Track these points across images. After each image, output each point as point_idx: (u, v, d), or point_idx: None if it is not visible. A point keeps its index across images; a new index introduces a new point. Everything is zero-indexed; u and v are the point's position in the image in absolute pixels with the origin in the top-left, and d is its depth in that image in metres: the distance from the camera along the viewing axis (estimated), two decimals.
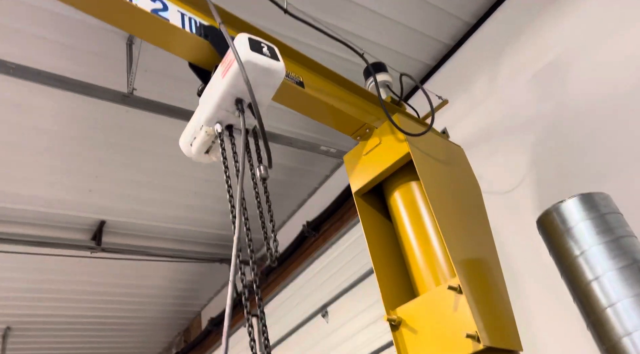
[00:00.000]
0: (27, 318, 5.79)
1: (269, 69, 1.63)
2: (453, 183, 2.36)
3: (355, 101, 2.49)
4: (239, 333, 5.57)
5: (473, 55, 3.53)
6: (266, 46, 1.68)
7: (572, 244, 2.07)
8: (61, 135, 3.64)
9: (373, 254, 2.24)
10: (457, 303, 1.86)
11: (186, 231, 5.06)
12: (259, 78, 1.63)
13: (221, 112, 1.68)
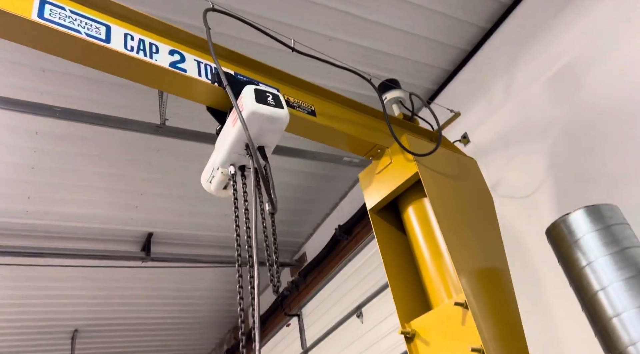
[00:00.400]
0: (92, 321, 6.33)
1: (273, 117, 1.81)
2: (462, 197, 2.46)
3: (368, 122, 2.62)
4: (281, 333, 5.87)
5: (489, 60, 3.57)
6: (271, 95, 1.86)
7: (580, 255, 2.13)
8: (107, 159, 3.99)
9: (388, 269, 2.38)
10: (464, 317, 1.98)
11: (226, 238, 5.36)
12: (264, 125, 1.82)
13: (233, 156, 1.88)
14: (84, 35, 1.80)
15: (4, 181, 3.93)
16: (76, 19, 1.83)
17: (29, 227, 4.51)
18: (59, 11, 1.80)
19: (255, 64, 2.29)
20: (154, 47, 1.99)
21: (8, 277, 5.05)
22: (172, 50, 2.05)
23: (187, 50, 2.11)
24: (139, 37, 1.97)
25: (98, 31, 1.86)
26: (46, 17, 1.75)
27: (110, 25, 1.91)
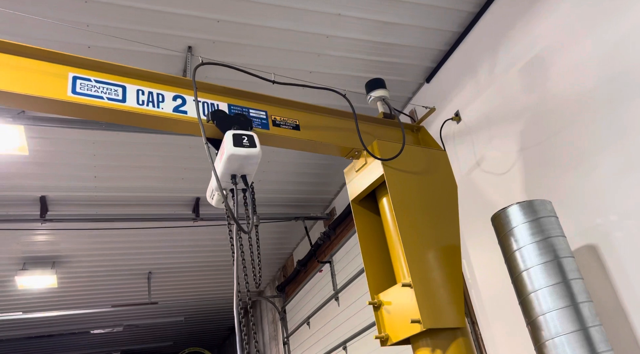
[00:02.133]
0: (161, 265, 7.54)
1: (247, 155, 2.38)
2: (424, 189, 2.93)
3: (347, 126, 3.10)
4: (315, 277, 6.73)
5: (477, 43, 3.78)
6: (246, 137, 2.41)
7: (513, 241, 2.60)
8: (154, 145, 4.74)
9: (363, 250, 2.97)
10: (410, 295, 2.56)
11: (268, 198, 6.12)
12: (242, 161, 2.39)
13: (224, 183, 2.48)
14: (106, 100, 2.41)
15: (73, 166, 4.81)
16: (99, 86, 2.43)
17: (100, 198, 5.47)
18: (87, 83, 2.40)
19: (245, 94, 2.81)
20: (160, 97, 2.57)
21: (93, 234, 6.18)
22: (175, 95, 2.62)
23: (187, 92, 2.66)
24: (148, 91, 2.55)
25: (116, 93, 2.46)
26: (78, 91, 2.36)
27: (126, 85, 2.50)
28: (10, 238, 5.83)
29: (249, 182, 2.50)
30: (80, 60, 2.42)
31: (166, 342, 11.90)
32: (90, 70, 2.44)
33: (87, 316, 8.74)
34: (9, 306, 7.39)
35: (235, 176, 2.45)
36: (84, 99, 2.36)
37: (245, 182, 2.47)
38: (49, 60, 2.35)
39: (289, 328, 7.91)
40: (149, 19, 3.42)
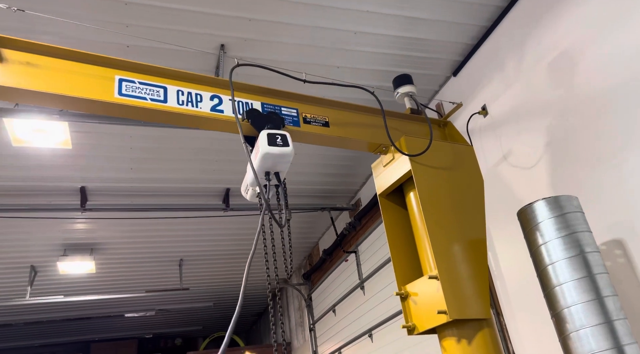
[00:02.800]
0: (193, 253, 7.82)
1: (281, 154, 2.50)
2: (451, 185, 3.00)
3: (375, 122, 3.18)
4: (341, 267, 6.87)
5: (505, 37, 3.79)
6: (280, 137, 2.53)
7: (539, 235, 2.66)
8: (187, 139, 4.93)
9: (391, 242, 3.07)
10: (436, 287, 2.66)
11: (295, 189, 6.27)
12: (276, 160, 2.51)
13: (259, 180, 2.60)
14: (149, 100, 2.56)
15: (111, 159, 5.04)
16: (143, 88, 2.58)
17: (135, 189, 5.72)
18: (131, 85, 2.56)
19: (277, 93, 2.93)
20: (198, 97, 2.71)
21: (129, 223, 6.46)
22: (212, 95, 2.75)
23: (223, 92, 2.79)
24: (187, 91, 2.69)
25: (158, 94, 2.61)
26: (123, 92, 2.52)
27: (167, 86, 2.64)
28: (53, 226, 6.16)
29: (282, 178, 2.63)
30: (125, 63, 2.57)
31: (196, 326, 12.31)
32: (135, 73, 2.59)
33: (122, 300, 9.13)
34: (51, 290, 7.80)
35: (269, 173, 2.58)
36: (129, 100, 2.51)
37: (279, 178, 2.60)
38: (97, 64, 2.51)
39: (315, 314, 8.10)
40: (184, 19, 3.56)
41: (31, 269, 7.15)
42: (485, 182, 3.78)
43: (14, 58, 2.33)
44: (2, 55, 2.29)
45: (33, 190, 5.31)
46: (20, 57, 2.34)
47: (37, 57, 2.38)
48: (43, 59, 2.39)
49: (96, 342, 11.97)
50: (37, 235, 6.28)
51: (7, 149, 4.53)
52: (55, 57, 2.44)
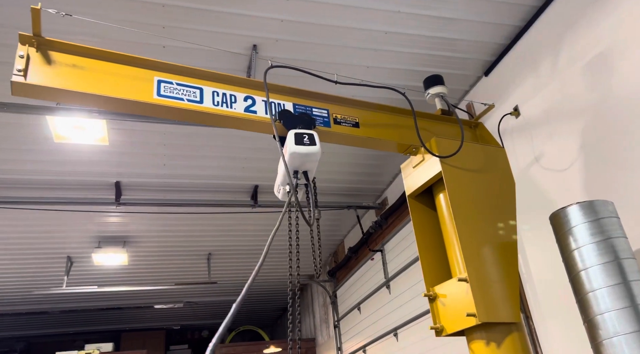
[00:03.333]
0: (221, 247, 7.97)
1: (308, 153, 2.55)
2: (482, 187, 2.99)
3: (405, 123, 3.19)
4: (366, 265, 6.88)
5: (539, 37, 3.73)
6: (307, 136, 2.56)
7: (572, 240, 2.63)
8: (217, 137, 5.03)
9: (419, 244, 3.08)
10: (466, 289, 2.66)
11: (322, 187, 6.32)
12: (304, 159, 2.57)
13: (287, 178, 2.63)
14: (186, 101, 2.64)
15: (145, 155, 5.20)
16: (180, 89, 2.66)
17: (167, 185, 5.87)
18: (169, 86, 2.64)
19: (309, 93, 2.97)
20: (233, 98, 2.77)
21: (160, 217, 6.63)
22: (246, 96, 2.82)
23: (257, 93, 2.85)
24: (222, 92, 2.76)
25: (194, 95, 2.68)
26: (162, 93, 2.60)
27: (203, 87, 2.72)
28: (88, 219, 6.38)
29: (310, 178, 2.67)
30: (164, 65, 2.65)
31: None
32: (172, 74, 2.67)
33: (152, 292, 9.39)
34: (86, 280, 8.09)
35: (297, 172, 2.62)
36: (167, 101, 2.59)
37: (307, 177, 2.63)
38: (137, 66, 2.60)
39: (340, 312, 8.15)
40: (218, 20, 3.63)
41: (67, 260, 7.43)
42: (517, 184, 3.74)
43: (61, 60, 2.43)
44: (50, 58, 2.41)
45: (71, 184, 5.52)
46: (66, 59, 2.45)
47: (81, 59, 2.48)
48: (86, 61, 2.49)
49: (126, 331, 12.34)
50: (73, 227, 6.52)
51: (49, 144, 4.72)
52: (98, 59, 2.53)
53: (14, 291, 8.34)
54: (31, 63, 2.34)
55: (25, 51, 2.34)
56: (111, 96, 2.48)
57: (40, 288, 8.06)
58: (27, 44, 2.37)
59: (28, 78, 2.30)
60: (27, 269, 7.53)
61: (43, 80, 2.34)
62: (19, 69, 2.29)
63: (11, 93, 2.34)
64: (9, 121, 4.38)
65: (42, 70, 2.36)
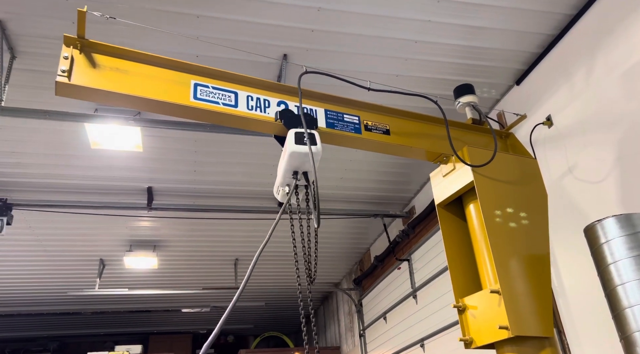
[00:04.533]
0: (248, 253, 8.05)
1: (307, 153, 2.49)
2: (514, 198, 2.94)
3: (436, 132, 3.18)
4: (393, 274, 6.83)
5: (573, 47, 3.66)
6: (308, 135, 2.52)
7: (608, 254, 2.56)
8: (244, 144, 5.11)
9: (448, 254, 3.05)
10: (498, 301, 2.61)
11: (348, 195, 6.33)
12: (303, 158, 2.53)
13: (287, 179, 2.60)
14: (221, 105, 2.67)
15: (176, 161, 5.32)
16: (216, 93, 2.70)
17: (197, 190, 5.99)
18: (205, 89, 2.68)
19: (340, 100, 2.99)
20: (266, 103, 2.80)
21: (190, 222, 6.76)
22: (279, 101, 2.85)
23: (289, 98, 2.87)
24: (256, 97, 2.79)
25: (229, 99, 2.71)
26: (198, 96, 2.64)
27: (237, 92, 2.75)
28: (121, 223, 6.55)
29: (311, 179, 2.60)
30: (200, 69, 2.69)
31: (248, 325, 12.62)
32: (208, 78, 2.71)
33: (180, 295, 9.54)
34: (117, 283, 8.29)
35: (297, 173, 2.56)
36: (203, 104, 2.62)
37: (307, 178, 2.58)
38: (175, 69, 2.63)
39: (365, 321, 8.10)
40: (250, 30, 3.71)
41: (100, 262, 7.64)
42: (549, 195, 3.66)
43: (102, 62, 2.48)
44: (92, 59, 2.47)
45: (105, 189, 5.70)
46: (107, 61, 2.50)
47: (121, 61, 2.53)
48: (127, 64, 2.54)
49: (154, 334, 12.56)
50: (107, 231, 6.71)
51: (86, 151, 4.89)
52: (137, 61, 2.57)
53: (50, 291, 8.62)
54: (75, 64, 2.40)
55: (69, 53, 2.40)
56: (150, 98, 2.52)
57: (74, 289, 8.30)
58: (71, 46, 2.43)
59: (72, 79, 2.36)
60: (63, 270, 7.78)
61: (86, 81, 2.39)
62: (63, 69, 2.34)
63: (55, 93, 2.40)
64: (50, 128, 4.56)
65: (85, 71, 2.42)
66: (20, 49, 3.70)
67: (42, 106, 4.13)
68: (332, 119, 2.94)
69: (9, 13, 3.40)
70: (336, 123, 2.94)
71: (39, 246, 6.92)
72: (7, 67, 3.69)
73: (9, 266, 7.50)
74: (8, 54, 3.68)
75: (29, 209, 5.56)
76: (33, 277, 7.96)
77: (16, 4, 3.33)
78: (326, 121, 2.92)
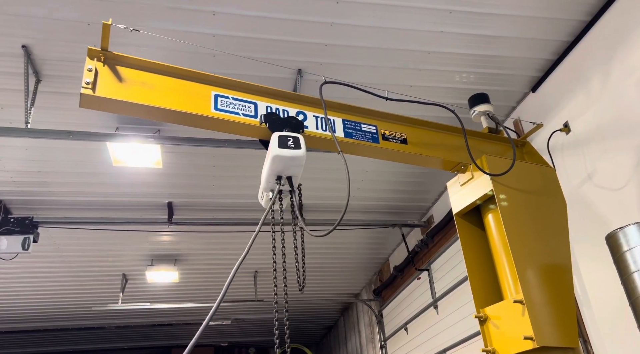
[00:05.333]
0: (267, 265, 8.10)
1: (292, 157, 2.46)
2: (534, 206, 2.93)
3: (453, 141, 3.19)
4: (412, 285, 6.78)
5: (589, 52, 3.64)
6: (292, 139, 2.49)
7: (631, 262, 2.52)
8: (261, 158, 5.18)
9: (468, 263, 3.04)
10: (522, 311, 2.59)
11: (365, 205, 6.34)
12: (287, 163, 2.48)
13: (270, 184, 2.56)
14: (241, 115, 2.71)
15: (196, 176, 5.41)
16: (236, 103, 2.72)
17: (216, 204, 6.07)
18: (226, 100, 2.71)
19: (357, 109, 3.01)
20: (286, 113, 2.83)
21: (209, 236, 6.84)
22: (298, 111, 2.88)
23: (308, 108, 2.91)
24: (275, 107, 2.83)
25: (249, 109, 2.74)
26: (219, 107, 2.68)
27: (257, 102, 2.78)
28: (142, 238, 6.67)
29: (296, 184, 2.56)
30: (220, 80, 2.72)
31: (269, 337, 12.61)
32: (228, 89, 2.74)
33: (201, 308, 9.60)
34: (140, 297, 8.41)
35: (280, 177, 2.52)
36: (224, 115, 2.63)
37: (291, 183, 2.53)
38: (196, 81, 2.67)
39: (386, 332, 8.04)
40: (265, 47, 3.79)
41: (123, 277, 7.77)
42: (569, 202, 3.62)
43: (126, 74, 2.52)
44: (116, 72, 2.50)
45: (127, 205, 5.81)
46: (130, 73, 2.54)
47: (144, 74, 2.57)
48: (149, 76, 2.58)
49: (176, 347, 12.64)
50: (128, 246, 6.83)
51: (108, 168, 5.02)
52: (160, 73, 2.61)
53: (74, 306, 8.78)
54: (99, 76, 2.43)
55: (93, 65, 2.44)
56: (172, 109, 2.56)
57: (98, 304, 8.44)
58: (94, 58, 2.46)
59: (96, 91, 2.39)
60: (87, 286, 7.93)
61: (109, 92, 2.43)
62: (87, 81, 2.38)
63: (79, 105, 2.42)
64: (74, 147, 4.70)
65: (109, 83, 2.46)
66: (45, 73, 3.84)
67: (65, 127, 4.27)
68: (350, 129, 2.96)
69: (34, 39, 3.54)
70: (354, 133, 2.95)
71: (63, 262, 7.07)
72: (33, 91, 3.83)
73: (36, 282, 7.68)
74: (33, 78, 3.82)
75: (54, 226, 5.71)
76: (58, 292, 8.13)
77: (40, 29, 3.47)
78: (344, 131, 2.94)
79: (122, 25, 2.63)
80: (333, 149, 2.92)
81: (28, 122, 3.82)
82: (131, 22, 3.40)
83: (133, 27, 2.69)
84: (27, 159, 4.84)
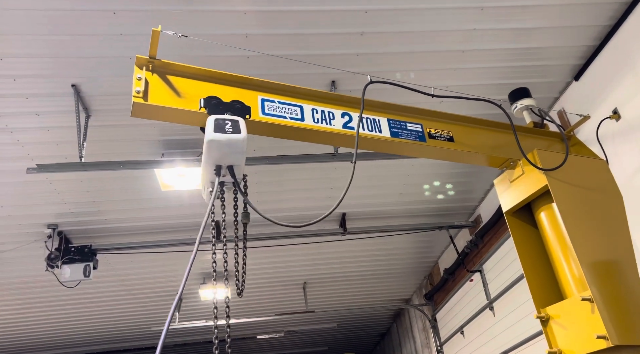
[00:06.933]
0: (315, 276, 8.13)
1: (229, 142, 2.11)
2: (590, 201, 2.81)
3: (500, 137, 3.09)
4: (465, 287, 6.62)
5: (634, 34, 3.49)
6: (230, 122, 2.19)
7: None
8: (303, 171, 5.24)
9: (523, 262, 2.94)
10: (591, 309, 2.47)
11: (410, 209, 6.28)
12: (224, 149, 2.12)
13: (210, 176, 2.26)
14: (289, 119, 2.68)
15: None
16: (282, 107, 2.68)
17: (261, 219, 6.13)
18: (272, 104, 2.67)
19: (402, 108, 2.96)
20: (331, 115, 2.79)
21: (257, 250, 6.95)
22: (343, 113, 2.84)
23: (353, 110, 2.85)
24: (321, 109, 2.80)
25: (296, 112, 2.70)
26: (266, 112, 2.67)
27: (302, 105, 2.74)
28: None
29: (239, 174, 2.25)
30: (266, 84, 2.68)
31: (321, 347, 12.63)
32: (274, 93, 2.69)
33: (255, 323, 9.75)
34: (194, 315, 8.62)
35: (220, 167, 2.19)
36: (272, 119, 2.58)
37: (233, 173, 2.20)
38: (242, 86, 2.63)
39: (442, 336, 7.88)
40: (298, 63, 3.84)
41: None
42: (625, 192, 3.46)
43: (174, 82, 2.46)
44: (164, 79, 2.43)
45: (177, 227, 6.00)
46: (178, 81, 2.47)
47: (192, 81, 2.51)
48: (197, 83, 2.51)
49: None
50: (181, 266, 7.03)
51: (157, 193, 5.21)
52: (206, 81, 2.54)
53: (134, 327, 9.10)
54: (149, 85, 2.38)
55: (142, 74, 2.40)
56: None
57: (157, 324, 8.71)
58: (143, 67, 2.43)
59: (147, 99, 2.34)
60: (145, 306, 8.21)
61: (160, 100, 2.38)
62: (137, 90, 2.32)
63: (130, 114, 2.38)
64: (124, 176, 4.91)
65: (159, 90, 2.41)
66: (94, 108, 4.05)
67: (115, 157, 4.47)
68: (395, 128, 2.88)
69: (82, 78, 3.74)
70: (400, 132, 2.88)
71: (121, 285, 7.36)
72: (84, 126, 4.05)
73: (97, 306, 8.02)
74: (84, 114, 4.03)
75: (111, 252, 5.96)
76: (118, 315, 8.46)
77: (88, 68, 3.66)
78: (390, 130, 2.85)
79: (171, 32, 2.54)
80: (381, 149, 2.90)
81: (82, 157, 4.02)
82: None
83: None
84: (82, 190, 5.09)
